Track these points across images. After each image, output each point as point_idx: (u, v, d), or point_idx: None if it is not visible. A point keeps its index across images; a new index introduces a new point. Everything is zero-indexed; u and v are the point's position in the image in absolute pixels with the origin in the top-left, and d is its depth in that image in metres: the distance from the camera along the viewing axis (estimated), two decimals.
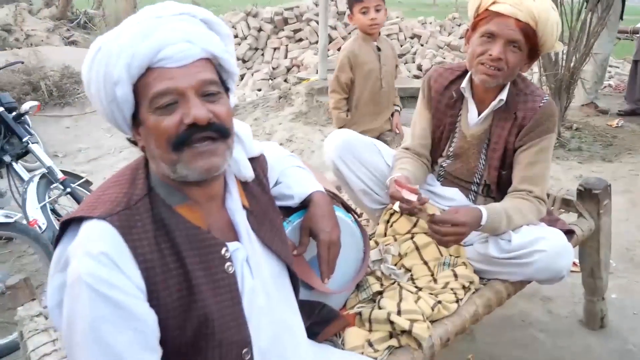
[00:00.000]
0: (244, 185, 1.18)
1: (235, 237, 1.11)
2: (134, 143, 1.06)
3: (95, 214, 0.96)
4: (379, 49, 2.84)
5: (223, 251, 1.05)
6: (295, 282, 1.25)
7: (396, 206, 1.64)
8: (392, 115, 3.06)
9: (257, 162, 1.25)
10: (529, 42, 1.66)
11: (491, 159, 1.83)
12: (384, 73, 2.84)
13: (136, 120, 1.01)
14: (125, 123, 1.02)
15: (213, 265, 1.03)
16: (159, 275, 0.97)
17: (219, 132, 0.99)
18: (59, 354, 1.48)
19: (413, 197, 1.59)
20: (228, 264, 1.05)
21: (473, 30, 1.74)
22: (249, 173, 1.17)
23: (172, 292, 0.98)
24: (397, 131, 3.05)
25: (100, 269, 0.90)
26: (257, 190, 1.21)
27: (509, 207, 1.71)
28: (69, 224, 1.00)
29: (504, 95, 1.77)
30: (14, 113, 2.87)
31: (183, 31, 0.97)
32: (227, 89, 1.06)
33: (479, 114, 1.84)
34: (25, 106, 2.93)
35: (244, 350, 1.06)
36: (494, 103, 1.79)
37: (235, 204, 1.12)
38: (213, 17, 1.04)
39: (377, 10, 2.72)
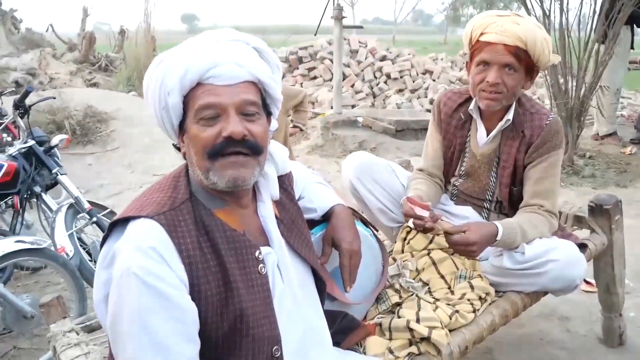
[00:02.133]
0: None
1: (267, 243, 1.19)
2: (178, 149, 1.18)
3: (143, 213, 1.05)
4: None
5: (257, 253, 1.13)
6: (322, 287, 1.32)
7: (410, 223, 1.71)
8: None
9: (286, 176, 1.35)
10: (523, 62, 1.75)
11: (501, 177, 1.90)
12: None
13: (182, 128, 1.11)
14: (173, 129, 1.13)
15: (248, 265, 1.12)
16: (201, 271, 1.05)
17: (252, 148, 1.09)
18: None
19: (425, 213, 1.66)
20: (261, 265, 1.14)
21: (470, 61, 1.85)
22: (275, 193, 1.26)
23: (212, 287, 1.06)
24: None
25: (149, 262, 0.98)
26: (286, 200, 1.30)
27: (522, 221, 1.77)
28: (115, 225, 1.08)
29: (510, 115, 1.85)
30: (44, 146, 3.00)
31: (234, 54, 1.09)
32: (269, 113, 1.18)
33: (488, 134, 1.92)
34: (55, 139, 3.06)
35: (275, 347, 1.12)
36: (501, 123, 1.87)
37: (268, 211, 1.21)
38: (265, 46, 1.17)
39: None
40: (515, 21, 1.72)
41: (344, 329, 1.48)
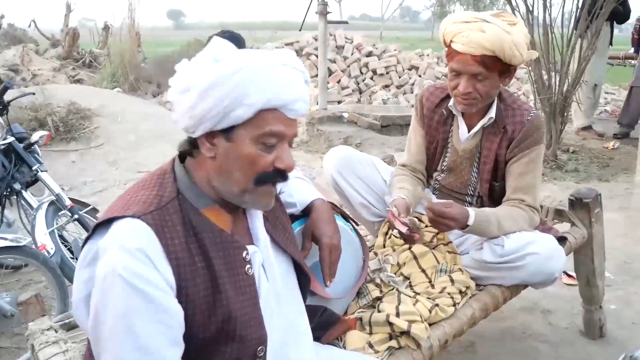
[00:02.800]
0: None
1: (251, 241, 1.18)
2: (193, 143, 1.11)
3: (128, 213, 1.01)
4: None
5: (244, 254, 1.12)
6: (305, 282, 1.32)
7: (395, 232, 1.77)
8: None
9: None
10: (494, 68, 1.71)
11: (482, 172, 1.91)
12: None
13: (223, 133, 1.05)
14: (208, 127, 1.05)
15: (236, 266, 1.10)
16: (188, 273, 1.02)
17: (285, 179, 1.11)
18: None
19: (403, 229, 1.68)
20: (248, 266, 1.12)
21: (447, 61, 1.83)
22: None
23: (200, 290, 1.03)
24: None
25: (135, 263, 0.95)
26: None
27: (500, 213, 1.78)
28: (99, 226, 1.04)
29: (492, 113, 1.85)
30: (24, 143, 2.96)
31: (306, 91, 1.10)
32: None
33: (469, 130, 1.92)
34: (35, 136, 3.03)
35: (259, 347, 1.11)
36: (483, 120, 1.87)
37: (257, 211, 1.20)
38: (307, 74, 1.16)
39: None
40: (481, 28, 1.68)
41: (323, 323, 1.48)
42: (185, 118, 1.06)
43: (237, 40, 2.65)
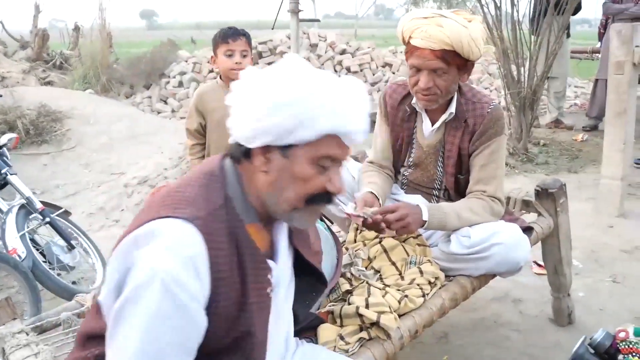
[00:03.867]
0: None
1: (271, 256, 1.18)
2: (246, 153, 1.08)
3: (181, 214, 0.99)
4: None
5: (269, 275, 1.12)
6: (321, 289, 1.36)
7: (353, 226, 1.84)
8: None
9: None
10: (453, 62, 1.75)
11: (447, 166, 1.95)
12: None
13: (280, 149, 1.05)
14: (267, 141, 1.04)
15: (263, 287, 1.11)
16: (224, 287, 1.02)
17: (332, 202, 1.14)
18: None
19: (359, 221, 1.72)
20: (269, 288, 1.13)
21: (406, 58, 1.86)
22: None
23: (229, 305, 1.03)
24: None
25: (181, 272, 0.94)
26: None
27: (459, 205, 1.84)
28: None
29: (452, 108, 1.89)
30: None
31: (367, 123, 1.10)
32: None
33: (432, 125, 1.96)
34: (4, 139, 2.99)
35: None
36: (444, 116, 1.91)
37: (283, 226, 1.21)
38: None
39: (244, 56, 2.59)
40: (439, 23, 1.71)
41: (308, 327, 1.52)
42: (247, 128, 1.04)
43: (244, 34, 2.66)
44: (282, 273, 1.19)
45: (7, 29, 10.64)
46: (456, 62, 1.75)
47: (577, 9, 5.72)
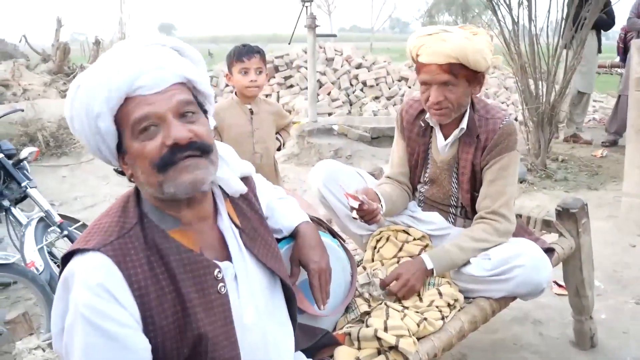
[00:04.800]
0: (234, 205, 1.24)
1: (227, 256, 1.17)
2: (122, 173, 1.11)
3: (89, 245, 1.00)
4: (252, 112, 2.67)
5: (215, 272, 1.10)
6: (290, 294, 1.30)
7: (354, 214, 1.78)
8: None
9: (247, 183, 1.30)
10: (461, 74, 1.76)
11: (462, 182, 1.93)
12: (257, 137, 2.66)
13: (121, 150, 1.06)
14: (111, 154, 1.07)
15: (207, 286, 1.08)
16: (154, 301, 1.01)
17: (200, 149, 1.05)
18: None
19: (355, 204, 1.73)
20: (221, 284, 1.10)
21: (417, 77, 1.86)
22: (240, 187, 1.23)
23: (168, 315, 1.03)
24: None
25: (95, 300, 0.95)
26: (247, 209, 1.27)
27: (458, 238, 1.83)
28: (69, 259, 1.03)
29: (464, 124, 1.88)
30: (13, 159, 2.95)
31: (155, 59, 1.04)
32: (205, 111, 1.13)
33: (446, 140, 1.94)
34: (24, 152, 3.02)
35: None
36: (456, 131, 1.90)
37: (226, 223, 1.18)
38: (182, 44, 1.12)
39: (259, 73, 2.61)
40: (443, 38, 1.73)
41: (323, 345, 1.48)
42: (97, 154, 1.09)
43: (259, 52, 2.66)
44: (244, 268, 1.16)
45: (30, 42, 10.83)
46: (464, 74, 1.76)
47: (609, 24, 5.67)
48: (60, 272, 1.05)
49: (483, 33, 1.80)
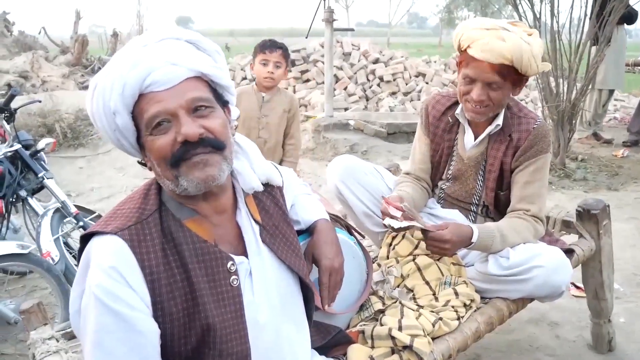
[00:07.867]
0: (257, 200, 1.23)
1: (244, 251, 1.16)
2: (144, 164, 1.14)
3: (108, 229, 1.03)
4: (263, 100, 2.86)
5: (229, 265, 1.10)
6: (309, 293, 1.28)
7: (387, 221, 1.67)
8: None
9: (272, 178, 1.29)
10: (509, 77, 1.71)
11: (487, 181, 1.89)
12: (263, 124, 2.86)
13: (140, 143, 1.09)
14: (133, 148, 1.10)
15: (218, 278, 1.08)
16: (165, 287, 1.03)
17: (212, 145, 1.05)
18: None
19: (398, 213, 1.65)
20: (233, 277, 1.10)
21: (459, 67, 1.80)
22: (255, 183, 1.21)
23: (177, 303, 1.04)
24: None
25: (108, 281, 0.97)
26: (270, 204, 1.25)
27: (503, 225, 1.76)
28: (88, 240, 1.06)
29: (500, 121, 1.83)
30: (30, 150, 2.97)
31: (167, 55, 1.04)
32: (225, 102, 1.13)
33: (475, 137, 1.90)
34: (41, 143, 3.04)
35: None
36: (490, 128, 1.85)
37: (244, 219, 1.17)
38: (198, 36, 1.11)
39: (277, 67, 2.78)
40: (502, 37, 1.66)
41: (336, 343, 1.46)
42: (120, 147, 1.12)
43: (281, 48, 2.84)
44: (261, 265, 1.16)
45: (49, 34, 10.93)
46: (512, 77, 1.71)
47: (630, 19, 5.57)
48: (79, 251, 1.08)
49: (536, 34, 1.74)
